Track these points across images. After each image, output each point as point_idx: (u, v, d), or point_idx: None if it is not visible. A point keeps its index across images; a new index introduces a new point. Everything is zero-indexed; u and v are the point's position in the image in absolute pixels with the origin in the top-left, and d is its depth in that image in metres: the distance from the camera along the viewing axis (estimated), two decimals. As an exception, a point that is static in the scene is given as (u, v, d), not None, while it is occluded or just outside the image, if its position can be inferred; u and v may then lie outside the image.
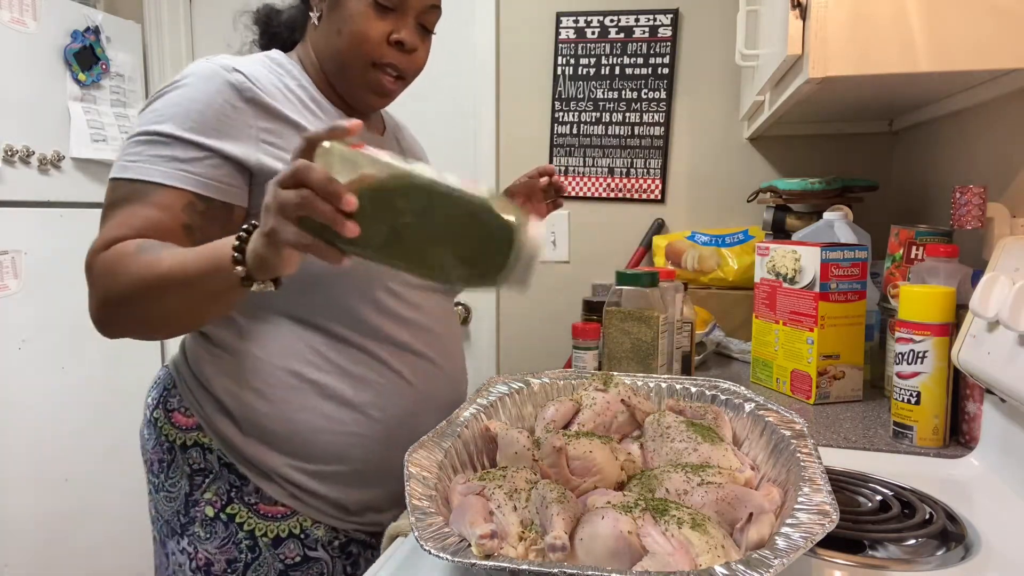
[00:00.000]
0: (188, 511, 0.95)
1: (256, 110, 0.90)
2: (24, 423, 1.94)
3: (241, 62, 0.92)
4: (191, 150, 0.86)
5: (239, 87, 0.89)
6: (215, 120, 0.87)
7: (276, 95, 0.92)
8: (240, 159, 0.88)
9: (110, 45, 2.17)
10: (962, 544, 0.72)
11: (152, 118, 0.88)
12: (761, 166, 2.05)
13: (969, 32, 0.91)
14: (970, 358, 0.91)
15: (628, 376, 0.93)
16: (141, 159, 0.86)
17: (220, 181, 0.87)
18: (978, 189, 1.05)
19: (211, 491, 0.94)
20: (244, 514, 0.93)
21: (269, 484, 0.94)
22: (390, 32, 0.95)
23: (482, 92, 2.20)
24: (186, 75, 0.90)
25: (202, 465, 0.95)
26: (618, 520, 0.57)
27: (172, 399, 0.98)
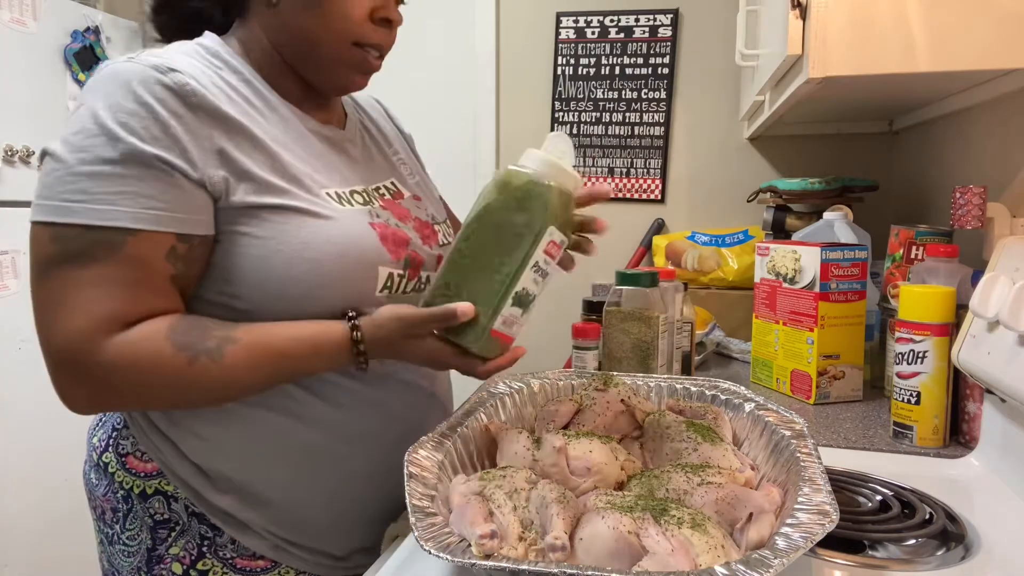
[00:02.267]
0: (151, 568, 0.82)
1: (205, 117, 0.74)
2: (24, 423, 1.94)
3: (174, 59, 0.75)
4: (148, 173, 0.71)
5: (179, 90, 0.73)
6: (159, 132, 0.71)
7: (220, 96, 0.77)
8: (197, 179, 0.73)
9: (110, 45, 2.17)
10: (962, 544, 0.72)
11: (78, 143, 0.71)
12: (761, 166, 2.05)
13: (969, 32, 0.91)
14: (970, 358, 0.91)
15: (628, 376, 0.93)
16: (94, 197, 0.69)
17: (193, 212, 0.73)
18: (978, 189, 1.05)
19: (178, 545, 0.81)
20: (219, 570, 0.81)
21: (247, 536, 0.82)
22: (372, 8, 0.82)
23: (482, 92, 2.20)
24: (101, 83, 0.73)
25: (166, 516, 0.81)
26: (618, 520, 0.57)
27: (124, 441, 0.84)
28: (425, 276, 0.88)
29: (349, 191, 0.84)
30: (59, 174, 0.71)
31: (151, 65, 0.73)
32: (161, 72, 0.73)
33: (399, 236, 0.84)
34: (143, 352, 0.70)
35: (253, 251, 0.75)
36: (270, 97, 0.83)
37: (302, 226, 0.76)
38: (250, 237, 0.75)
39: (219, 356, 0.71)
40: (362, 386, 0.84)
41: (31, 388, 1.97)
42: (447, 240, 0.96)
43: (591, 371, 1.03)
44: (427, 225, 0.92)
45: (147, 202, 0.70)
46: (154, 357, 0.70)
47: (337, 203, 0.81)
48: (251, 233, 0.75)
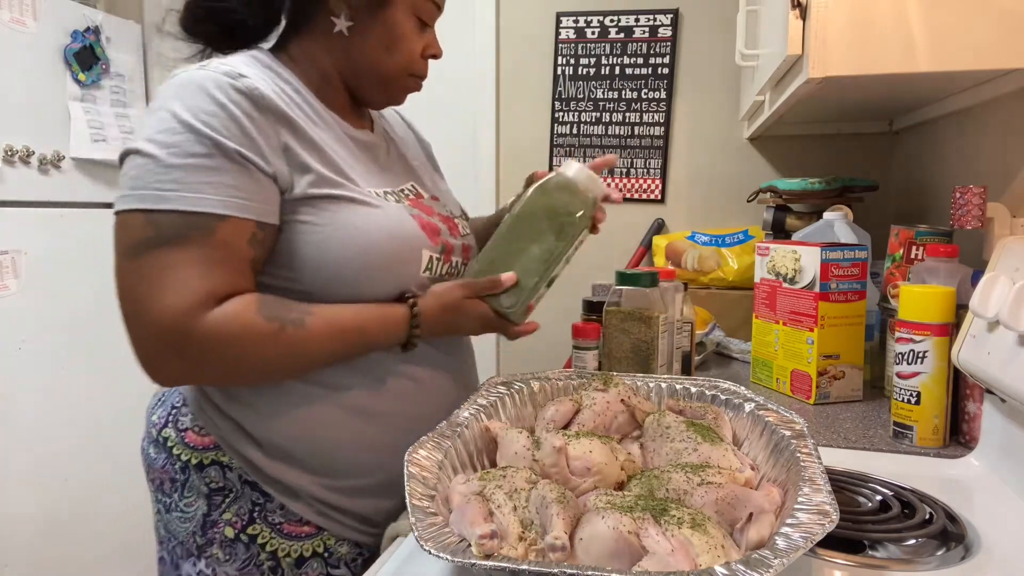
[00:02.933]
0: (205, 532, 0.90)
1: (273, 119, 0.83)
2: (24, 423, 1.94)
3: (242, 67, 0.84)
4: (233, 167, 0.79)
5: (251, 95, 0.81)
6: (238, 130, 0.80)
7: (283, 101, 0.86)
8: (271, 174, 0.82)
9: (110, 45, 2.17)
10: (962, 544, 0.72)
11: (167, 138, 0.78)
12: (761, 166, 2.05)
13: (969, 32, 0.91)
14: (970, 358, 0.91)
15: (628, 376, 0.93)
16: (187, 186, 0.77)
17: (269, 203, 0.82)
18: (978, 189, 1.05)
19: (231, 511, 0.89)
20: (267, 534, 0.89)
21: (295, 502, 0.89)
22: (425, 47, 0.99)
23: (482, 92, 2.20)
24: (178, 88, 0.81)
25: (221, 484, 0.90)
26: (618, 520, 0.57)
27: (183, 418, 0.92)
28: (455, 261, 0.99)
29: (383, 191, 0.93)
30: (150, 167, 0.78)
31: (223, 72, 0.82)
32: (232, 78, 0.81)
33: (433, 226, 0.95)
34: (238, 324, 0.78)
35: (312, 237, 0.84)
36: (316, 105, 0.93)
37: (354, 214, 0.86)
38: (309, 225, 0.84)
39: (302, 325, 0.81)
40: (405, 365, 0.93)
41: (31, 388, 1.97)
42: (467, 232, 1.06)
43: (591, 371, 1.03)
44: (448, 219, 1.02)
45: (232, 191, 0.79)
46: (249, 327, 0.79)
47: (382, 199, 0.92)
48: (310, 221, 0.84)
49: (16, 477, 1.92)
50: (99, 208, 2.16)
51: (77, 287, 2.08)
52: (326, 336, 0.83)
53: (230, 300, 0.79)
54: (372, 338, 0.87)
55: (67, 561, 2.06)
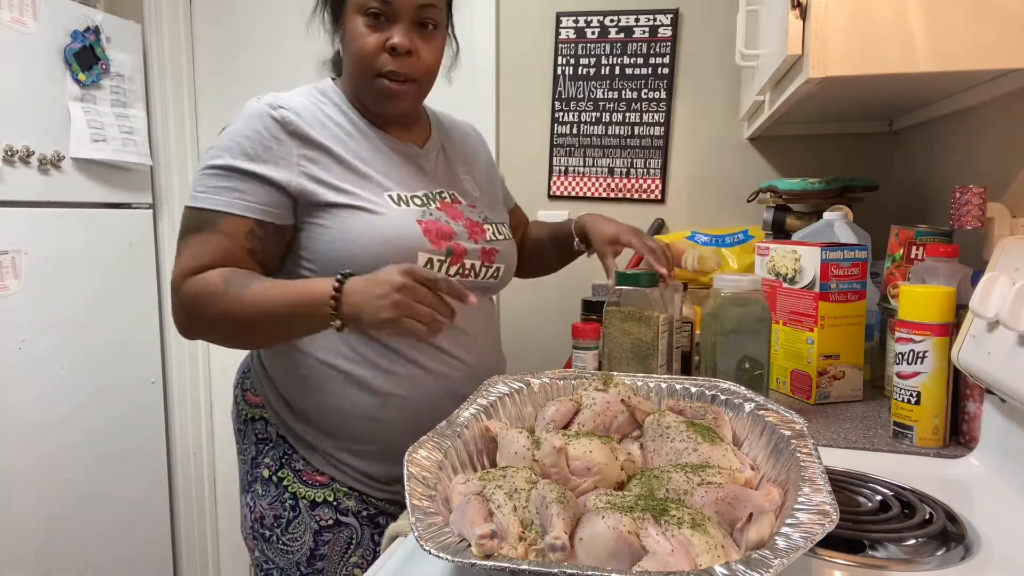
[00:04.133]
0: (252, 472, 1.15)
1: (297, 141, 1.03)
2: (24, 423, 1.94)
3: (287, 98, 1.06)
4: (246, 179, 1.01)
5: (282, 121, 1.03)
6: (262, 151, 1.01)
7: (315, 125, 1.05)
8: (283, 184, 1.02)
9: (110, 45, 2.17)
10: (962, 544, 0.72)
11: (213, 153, 1.03)
12: (761, 166, 2.05)
13: (969, 32, 0.91)
14: (970, 358, 0.91)
15: (628, 376, 0.93)
16: (208, 190, 1.02)
17: (272, 207, 1.02)
18: (978, 189, 1.05)
19: (269, 456, 1.13)
20: (290, 479, 1.11)
21: (312, 454, 1.11)
22: (385, 40, 1.03)
23: (482, 92, 2.20)
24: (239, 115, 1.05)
25: (264, 435, 1.14)
26: (618, 520, 0.57)
27: (247, 380, 1.18)
28: (469, 264, 1.10)
29: (410, 195, 1.08)
30: (200, 175, 1.04)
31: (267, 103, 1.04)
32: (272, 108, 1.04)
33: (443, 230, 1.07)
34: (201, 285, 0.98)
35: (324, 237, 1.03)
36: (359, 123, 1.10)
37: (359, 220, 1.02)
38: (323, 227, 1.04)
39: (243, 290, 0.96)
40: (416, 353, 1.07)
41: (32, 388, 1.97)
42: (496, 236, 1.16)
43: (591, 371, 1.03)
44: (477, 224, 1.14)
45: (239, 195, 1.01)
46: (205, 287, 0.98)
47: (394, 204, 1.05)
48: (323, 224, 1.04)
49: (16, 477, 1.92)
50: (99, 208, 2.16)
51: (77, 287, 2.08)
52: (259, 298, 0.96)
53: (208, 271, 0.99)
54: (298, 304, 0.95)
55: (67, 561, 2.06)
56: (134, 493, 2.28)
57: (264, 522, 1.11)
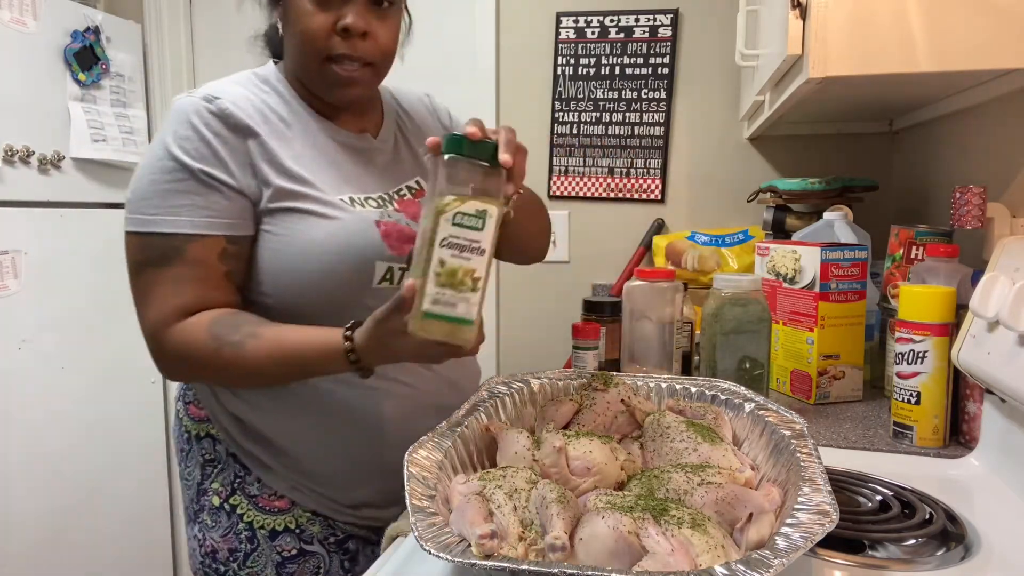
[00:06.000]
0: (199, 499, 1.00)
1: (242, 136, 0.90)
2: (24, 423, 1.94)
3: (222, 88, 0.92)
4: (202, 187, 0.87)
5: (221, 115, 0.89)
6: (208, 152, 0.88)
7: (257, 118, 0.92)
8: (241, 189, 0.89)
9: (110, 45, 2.17)
10: (962, 544, 0.72)
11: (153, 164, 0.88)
12: (761, 166, 2.05)
13: (969, 32, 0.91)
14: (970, 358, 0.91)
15: (628, 376, 0.93)
16: (161, 210, 0.87)
17: (239, 217, 0.89)
18: (978, 189, 1.05)
19: (218, 481, 0.98)
20: (245, 505, 0.97)
21: (269, 476, 0.97)
22: (335, 21, 0.89)
23: (482, 92, 2.20)
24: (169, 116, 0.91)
25: (212, 455, 0.99)
26: (618, 520, 0.57)
27: (188, 391, 1.03)
28: None
29: (364, 197, 0.95)
30: (140, 194, 0.88)
31: (202, 96, 0.90)
32: (208, 101, 0.89)
33: (405, 233, 0.93)
34: (189, 339, 0.86)
35: (272, 245, 0.90)
36: (303, 114, 0.96)
37: (310, 226, 0.90)
38: (271, 234, 0.90)
39: (241, 348, 0.84)
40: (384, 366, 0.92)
41: (32, 388, 1.97)
42: None
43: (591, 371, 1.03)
44: None
45: (202, 212, 0.87)
46: (194, 344, 0.86)
47: (349, 205, 0.92)
48: (271, 231, 0.91)
49: (16, 477, 1.92)
50: (99, 208, 2.16)
51: (77, 287, 2.08)
52: (264, 360, 0.85)
53: (193, 316, 0.87)
54: (313, 368, 0.86)
55: (67, 561, 2.06)
56: (134, 493, 2.28)
57: (217, 556, 0.97)
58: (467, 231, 0.72)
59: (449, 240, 0.71)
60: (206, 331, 0.85)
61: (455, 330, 0.73)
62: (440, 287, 0.71)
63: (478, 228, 0.72)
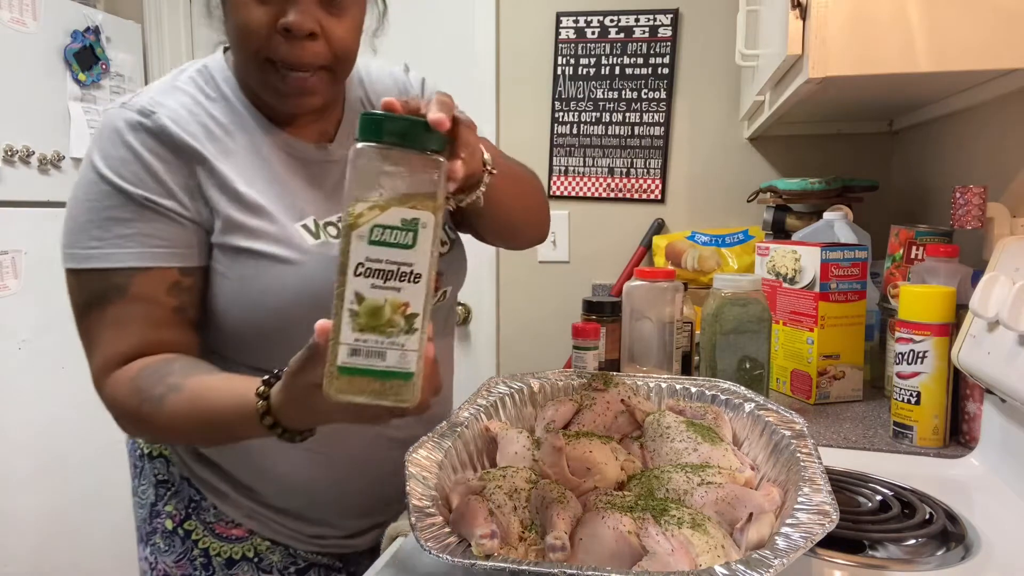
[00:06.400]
0: (151, 521, 0.94)
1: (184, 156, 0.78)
2: (24, 423, 1.94)
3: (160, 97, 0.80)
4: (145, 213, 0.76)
5: (160, 136, 0.77)
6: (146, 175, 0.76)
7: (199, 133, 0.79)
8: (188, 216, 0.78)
9: (110, 45, 2.17)
10: (962, 544, 0.72)
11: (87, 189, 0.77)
12: (761, 166, 2.05)
13: (969, 32, 0.91)
14: (970, 358, 0.91)
15: (628, 376, 0.93)
16: (101, 243, 0.75)
17: (191, 245, 0.78)
18: (978, 189, 1.05)
19: (171, 504, 0.92)
20: (200, 531, 0.90)
21: (225, 503, 0.90)
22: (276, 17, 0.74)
23: (482, 92, 2.20)
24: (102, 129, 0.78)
25: (165, 477, 0.93)
26: (618, 520, 0.57)
27: None
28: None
29: (324, 223, 0.82)
30: (75, 224, 0.77)
31: (137, 109, 0.78)
32: (144, 115, 0.78)
33: None
34: (116, 392, 0.76)
35: (223, 289, 0.80)
36: (251, 123, 0.83)
37: (263, 272, 0.78)
38: (221, 276, 0.80)
39: (160, 404, 0.72)
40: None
41: (31, 388, 1.97)
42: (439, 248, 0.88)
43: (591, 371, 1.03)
44: None
45: (149, 240, 0.76)
46: (120, 400, 0.76)
47: (311, 236, 0.81)
48: (222, 272, 0.80)
49: (16, 477, 1.92)
50: (99, 208, 2.16)
51: (77, 287, 2.08)
52: (182, 420, 0.72)
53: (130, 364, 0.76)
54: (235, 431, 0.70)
55: (67, 561, 2.06)
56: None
57: None
58: (392, 250, 0.52)
59: (367, 266, 0.52)
60: (130, 384, 0.74)
61: (386, 388, 0.54)
62: (360, 332, 0.52)
63: (407, 245, 0.52)
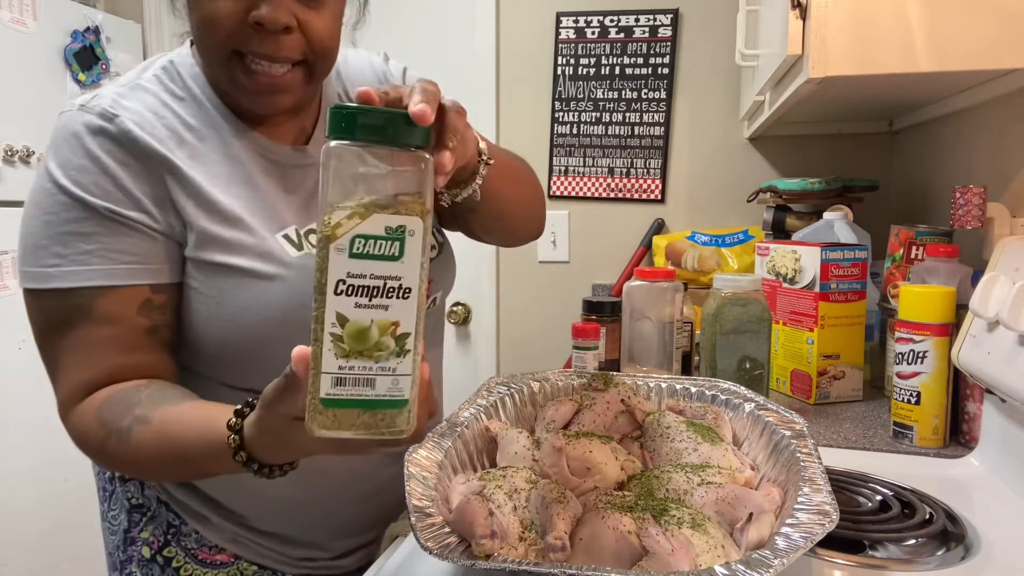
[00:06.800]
0: (126, 548, 0.87)
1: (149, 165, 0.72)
2: (24, 423, 1.94)
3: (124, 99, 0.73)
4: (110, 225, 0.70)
5: (124, 139, 0.71)
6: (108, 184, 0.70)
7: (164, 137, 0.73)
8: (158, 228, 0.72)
9: (110, 45, 2.17)
10: (962, 544, 0.72)
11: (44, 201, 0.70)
12: (761, 166, 2.05)
13: (969, 32, 0.91)
14: (970, 358, 0.91)
15: (628, 376, 0.93)
16: (68, 260, 0.69)
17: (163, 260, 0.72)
18: (978, 189, 1.05)
19: (148, 530, 0.85)
20: (181, 558, 0.84)
21: (206, 527, 0.85)
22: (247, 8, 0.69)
23: (482, 92, 2.20)
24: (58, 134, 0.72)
25: (140, 501, 0.86)
26: (618, 520, 0.57)
27: None
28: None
29: (306, 231, 0.78)
30: (32, 240, 0.71)
31: (98, 112, 0.71)
32: (107, 119, 0.71)
33: None
34: (81, 424, 0.71)
35: (198, 306, 0.74)
36: (222, 124, 0.77)
37: (242, 289, 0.73)
38: (196, 292, 0.74)
39: (127, 438, 0.67)
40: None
41: (31, 387, 1.96)
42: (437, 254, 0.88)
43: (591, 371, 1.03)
44: None
45: (118, 256, 0.70)
46: (86, 430, 0.71)
47: (292, 248, 0.76)
48: (197, 288, 0.74)
49: (16, 477, 1.92)
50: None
51: (77, 287, 2.08)
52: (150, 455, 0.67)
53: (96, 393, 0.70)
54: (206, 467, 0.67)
55: (67, 561, 2.06)
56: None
57: None
58: (376, 263, 0.47)
59: (348, 283, 0.47)
60: (95, 415, 0.69)
61: (377, 419, 0.48)
62: (344, 358, 0.47)
63: (393, 256, 0.47)
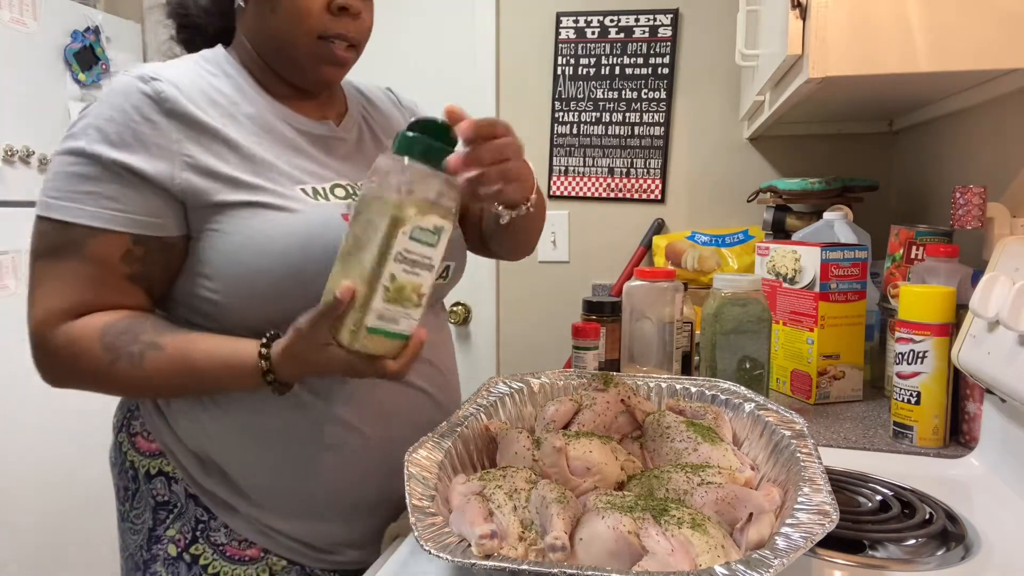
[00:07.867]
0: (151, 547, 0.87)
1: (177, 123, 0.80)
2: (25, 422, 1.94)
3: (163, 69, 0.83)
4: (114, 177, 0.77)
5: (157, 98, 0.79)
6: (130, 137, 0.78)
7: (202, 101, 0.82)
8: (162, 183, 0.78)
9: (110, 45, 2.17)
10: (962, 544, 0.72)
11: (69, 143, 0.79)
12: (761, 166, 2.05)
13: (969, 32, 0.91)
14: (970, 358, 0.91)
15: (628, 376, 0.93)
16: (64, 195, 0.77)
17: (154, 216, 0.79)
18: (978, 189, 1.05)
19: (175, 528, 0.86)
20: (208, 555, 0.85)
21: (235, 518, 0.86)
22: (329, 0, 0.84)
23: (482, 92, 2.20)
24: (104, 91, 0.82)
25: (167, 497, 0.87)
26: (618, 520, 0.57)
27: (135, 421, 0.90)
28: None
29: (330, 186, 0.87)
30: (51, 172, 0.80)
31: (137, 76, 0.80)
32: (144, 81, 0.80)
33: None
34: (77, 347, 0.78)
35: (224, 246, 0.80)
36: (258, 99, 0.88)
37: (267, 221, 0.80)
38: (220, 233, 0.80)
39: (139, 361, 0.77)
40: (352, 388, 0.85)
41: (32, 387, 1.96)
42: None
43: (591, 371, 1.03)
44: None
45: (108, 202, 0.77)
46: (83, 353, 0.78)
47: (311, 198, 0.83)
48: (221, 229, 0.80)
49: (16, 477, 1.92)
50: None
51: (77, 287, 2.08)
52: (166, 376, 0.78)
53: (81, 318, 0.78)
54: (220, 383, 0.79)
55: (67, 560, 2.06)
56: (134, 493, 2.28)
57: None
58: (422, 247, 0.68)
59: (403, 255, 0.67)
60: (98, 340, 0.77)
61: (392, 345, 0.71)
62: (387, 303, 0.68)
63: (432, 244, 0.69)
